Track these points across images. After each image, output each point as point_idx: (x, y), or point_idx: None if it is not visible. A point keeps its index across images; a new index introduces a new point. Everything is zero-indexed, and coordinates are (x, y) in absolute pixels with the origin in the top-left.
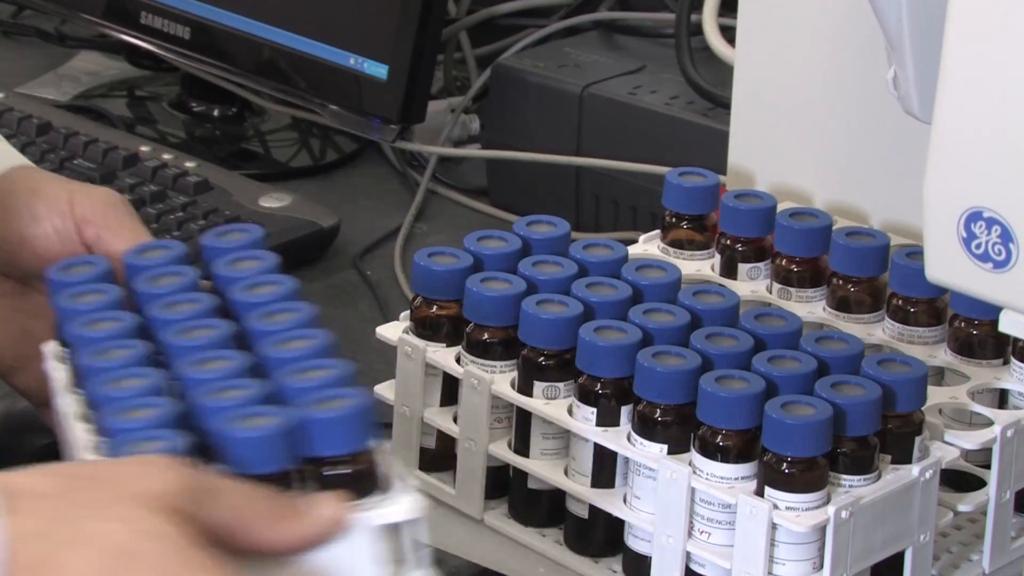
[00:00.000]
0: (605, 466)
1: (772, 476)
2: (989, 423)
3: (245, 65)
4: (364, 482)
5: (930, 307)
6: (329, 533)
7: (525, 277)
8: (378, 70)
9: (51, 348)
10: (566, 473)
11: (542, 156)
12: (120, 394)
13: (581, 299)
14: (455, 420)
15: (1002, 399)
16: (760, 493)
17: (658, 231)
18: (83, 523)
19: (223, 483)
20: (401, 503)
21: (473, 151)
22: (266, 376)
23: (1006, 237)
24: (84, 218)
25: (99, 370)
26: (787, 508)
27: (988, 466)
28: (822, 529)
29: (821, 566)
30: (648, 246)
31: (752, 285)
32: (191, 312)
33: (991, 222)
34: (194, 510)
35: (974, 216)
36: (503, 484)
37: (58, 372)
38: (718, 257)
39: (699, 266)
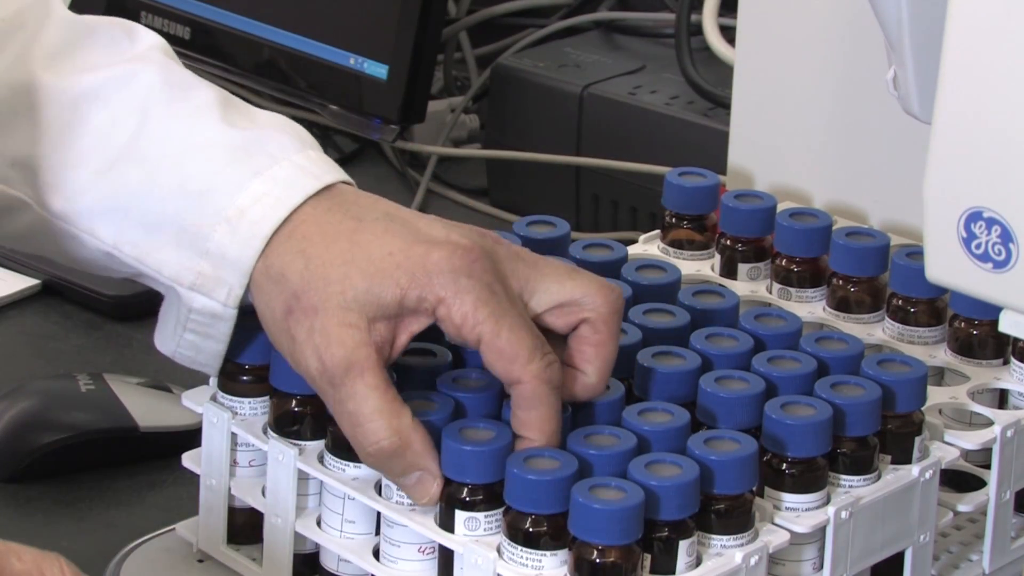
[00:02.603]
0: None
1: (772, 476)
2: (989, 423)
3: (245, 65)
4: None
5: (930, 307)
6: None
7: None
8: (378, 70)
9: None
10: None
11: (542, 156)
12: None
13: None
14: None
15: (1002, 399)
16: (760, 494)
17: (658, 231)
18: None
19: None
20: None
21: (473, 151)
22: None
23: (1006, 237)
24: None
25: None
26: (787, 508)
27: (988, 466)
28: (822, 529)
29: (821, 566)
30: (648, 246)
31: (752, 285)
32: None
33: (991, 222)
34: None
35: (974, 216)
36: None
37: None
38: (718, 257)
39: (699, 266)
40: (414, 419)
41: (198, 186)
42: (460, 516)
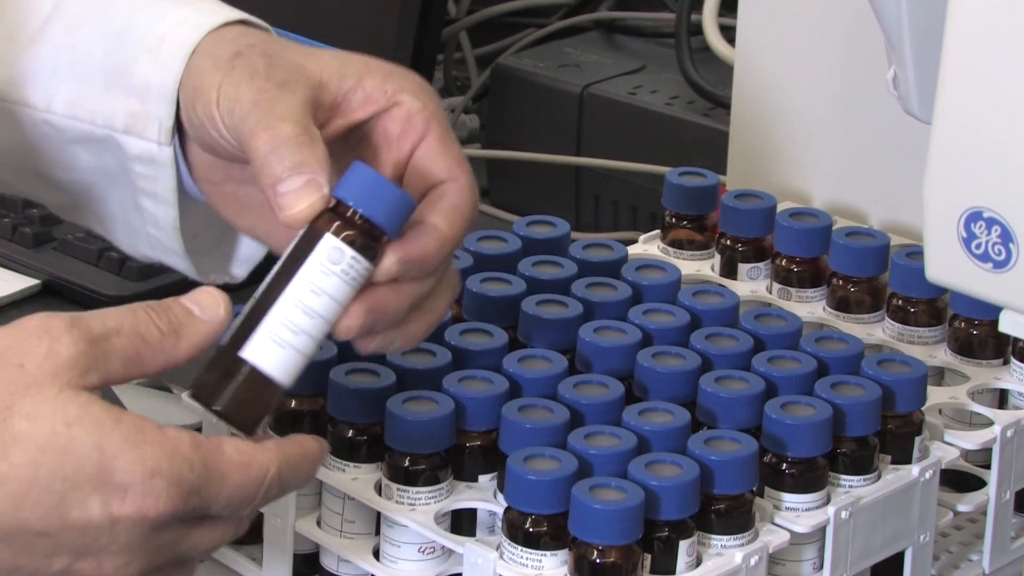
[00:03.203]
0: None
1: (772, 476)
2: (989, 423)
3: None
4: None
5: (930, 307)
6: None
7: (525, 277)
8: None
9: None
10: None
11: (542, 156)
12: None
13: (581, 299)
14: None
15: (1002, 399)
16: (760, 494)
17: (658, 231)
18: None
19: (108, 328)
20: None
21: (473, 151)
22: None
23: (1006, 237)
24: (225, 121)
25: None
26: (787, 508)
27: (988, 466)
28: (822, 529)
29: (821, 566)
30: (648, 246)
31: (752, 285)
32: None
33: (991, 222)
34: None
35: (974, 216)
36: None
37: None
38: (718, 257)
39: (699, 266)
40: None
41: (120, 26)
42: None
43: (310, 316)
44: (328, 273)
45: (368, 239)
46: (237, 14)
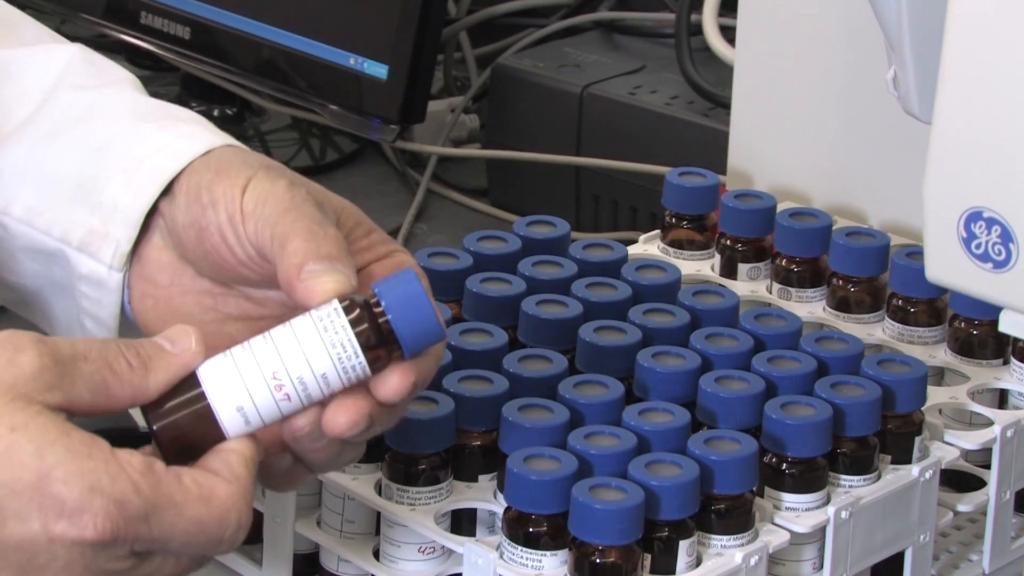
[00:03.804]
0: None
1: (772, 476)
2: (989, 423)
3: (245, 65)
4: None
5: (930, 307)
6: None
7: (525, 277)
8: (378, 70)
9: None
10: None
11: (542, 156)
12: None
13: (581, 299)
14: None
15: (1002, 399)
16: (760, 494)
17: (658, 231)
18: None
19: (76, 353)
20: None
21: (473, 151)
22: None
23: (1006, 237)
24: (248, 211)
25: None
26: (787, 508)
27: (988, 466)
28: (822, 529)
29: (821, 566)
30: (648, 246)
31: (752, 285)
32: None
33: (991, 222)
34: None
35: (974, 216)
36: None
37: None
38: (718, 257)
39: (699, 266)
40: None
41: (98, 142)
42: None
43: (289, 390)
44: (329, 357)
45: (383, 346)
46: (223, 139)
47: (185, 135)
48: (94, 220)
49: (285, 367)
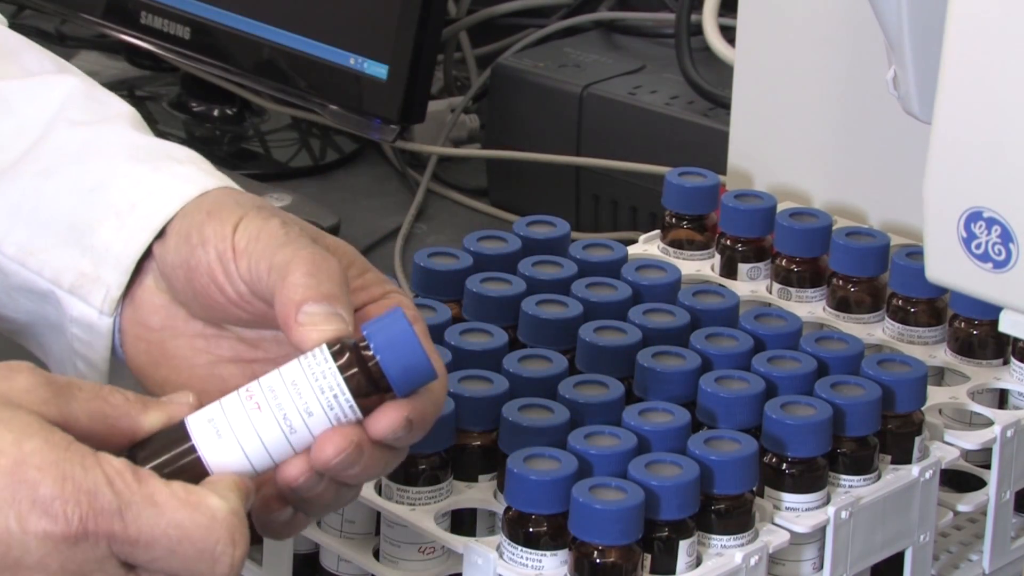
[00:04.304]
0: None
1: (772, 476)
2: (989, 423)
3: (245, 65)
4: None
5: (930, 307)
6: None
7: (525, 277)
8: (378, 70)
9: None
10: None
11: (542, 156)
12: None
13: (581, 299)
14: None
15: (1002, 399)
16: (760, 494)
17: (658, 231)
18: None
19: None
20: None
21: (473, 151)
22: None
23: (1006, 237)
24: (240, 248)
25: None
26: (787, 508)
27: (988, 466)
28: (822, 529)
29: (821, 566)
30: (648, 246)
31: (752, 285)
32: None
33: (991, 222)
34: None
35: (974, 216)
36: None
37: None
38: (718, 257)
39: (699, 266)
40: None
41: (93, 183)
42: None
43: (278, 437)
44: (319, 404)
45: (373, 389)
46: (218, 180)
47: (180, 176)
48: (85, 263)
49: (275, 415)
